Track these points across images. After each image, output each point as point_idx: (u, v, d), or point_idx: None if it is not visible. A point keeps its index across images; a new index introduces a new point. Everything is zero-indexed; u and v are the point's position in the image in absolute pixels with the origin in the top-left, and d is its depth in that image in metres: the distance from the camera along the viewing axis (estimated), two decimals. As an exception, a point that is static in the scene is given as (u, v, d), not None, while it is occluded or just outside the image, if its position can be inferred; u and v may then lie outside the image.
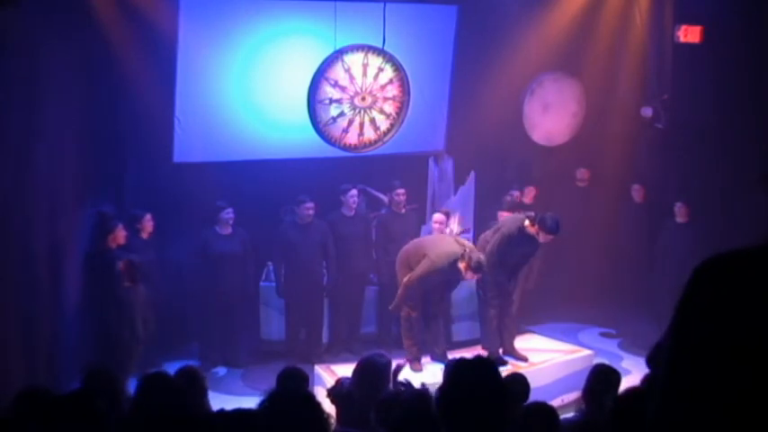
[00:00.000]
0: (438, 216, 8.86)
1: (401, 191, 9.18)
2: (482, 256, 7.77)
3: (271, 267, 9.21)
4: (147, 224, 8.36)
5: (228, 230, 8.71)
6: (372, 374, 5.31)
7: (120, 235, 7.97)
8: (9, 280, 6.78)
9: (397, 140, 8.95)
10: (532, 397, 4.93)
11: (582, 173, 10.39)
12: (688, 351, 1.77)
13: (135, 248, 8.15)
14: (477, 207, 9.66)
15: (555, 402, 6.09)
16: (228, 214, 8.64)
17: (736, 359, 1.70)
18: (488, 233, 8.35)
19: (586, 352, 8.66)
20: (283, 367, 5.30)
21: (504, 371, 6.01)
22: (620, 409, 3.66)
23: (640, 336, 8.79)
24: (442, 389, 3.06)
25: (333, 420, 4.94)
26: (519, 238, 8.04)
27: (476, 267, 7.62)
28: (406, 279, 7.91)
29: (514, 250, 8.12)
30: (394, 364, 5.46)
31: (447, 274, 7.85)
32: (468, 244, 8.18)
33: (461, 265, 7.65)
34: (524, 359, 8.21)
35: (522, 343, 8.67)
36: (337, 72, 8.42)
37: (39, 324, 7.15)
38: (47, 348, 7.30)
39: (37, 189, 7.28)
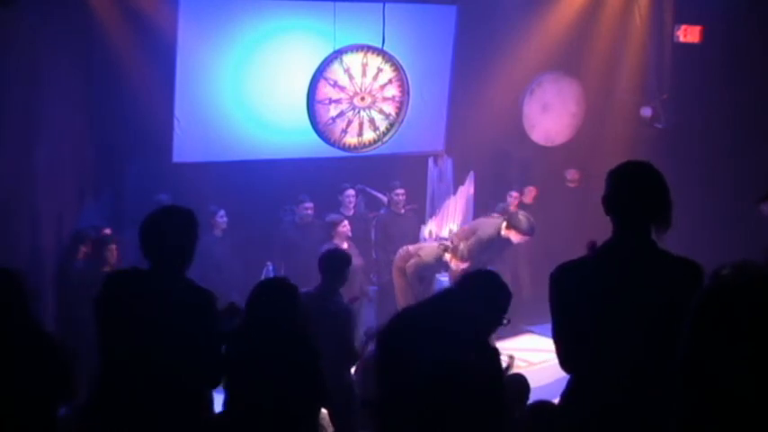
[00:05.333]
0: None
1: (400, 191, 9.18)
2: (465, 245, 8.04)
3: (270, 267, 9.18)
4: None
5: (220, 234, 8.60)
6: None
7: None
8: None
9: (396, 140, 8.95)
10: (532, 397, 4.93)
11: (572, 174, 10.27)
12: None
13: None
14: (476, 207, 9.64)
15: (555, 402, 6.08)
16: (222, 218, 8.54)
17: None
18: (466, 228, 8.54)
19: (586, 352, 8.62)
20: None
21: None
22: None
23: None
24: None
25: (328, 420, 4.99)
26: (495, 242, 8.17)
27: (462, 255, 7.94)
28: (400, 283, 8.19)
29: (489, 253, 8.21)
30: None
31: (434, 270, 8.30)
32: (452, 236, 8.58)
33: (448, 257, 8.06)
34: None
35: (522, 343, 8.66)
36: (337, 72, 8.42)
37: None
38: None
39: (37, 189, 7.28)
